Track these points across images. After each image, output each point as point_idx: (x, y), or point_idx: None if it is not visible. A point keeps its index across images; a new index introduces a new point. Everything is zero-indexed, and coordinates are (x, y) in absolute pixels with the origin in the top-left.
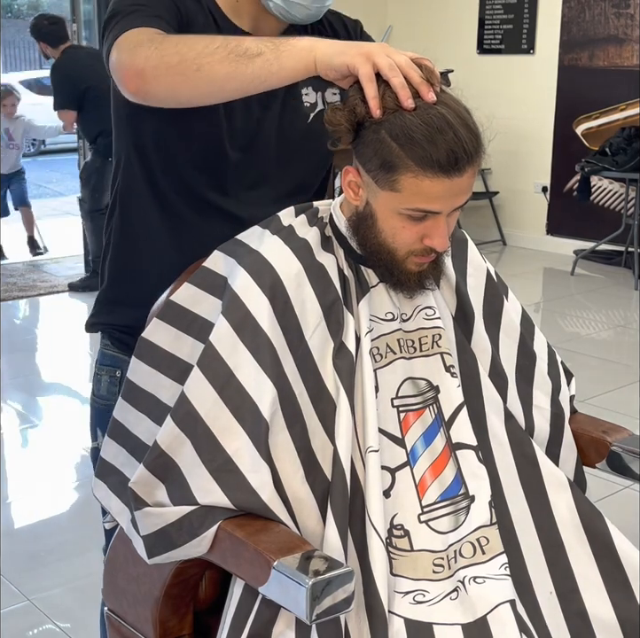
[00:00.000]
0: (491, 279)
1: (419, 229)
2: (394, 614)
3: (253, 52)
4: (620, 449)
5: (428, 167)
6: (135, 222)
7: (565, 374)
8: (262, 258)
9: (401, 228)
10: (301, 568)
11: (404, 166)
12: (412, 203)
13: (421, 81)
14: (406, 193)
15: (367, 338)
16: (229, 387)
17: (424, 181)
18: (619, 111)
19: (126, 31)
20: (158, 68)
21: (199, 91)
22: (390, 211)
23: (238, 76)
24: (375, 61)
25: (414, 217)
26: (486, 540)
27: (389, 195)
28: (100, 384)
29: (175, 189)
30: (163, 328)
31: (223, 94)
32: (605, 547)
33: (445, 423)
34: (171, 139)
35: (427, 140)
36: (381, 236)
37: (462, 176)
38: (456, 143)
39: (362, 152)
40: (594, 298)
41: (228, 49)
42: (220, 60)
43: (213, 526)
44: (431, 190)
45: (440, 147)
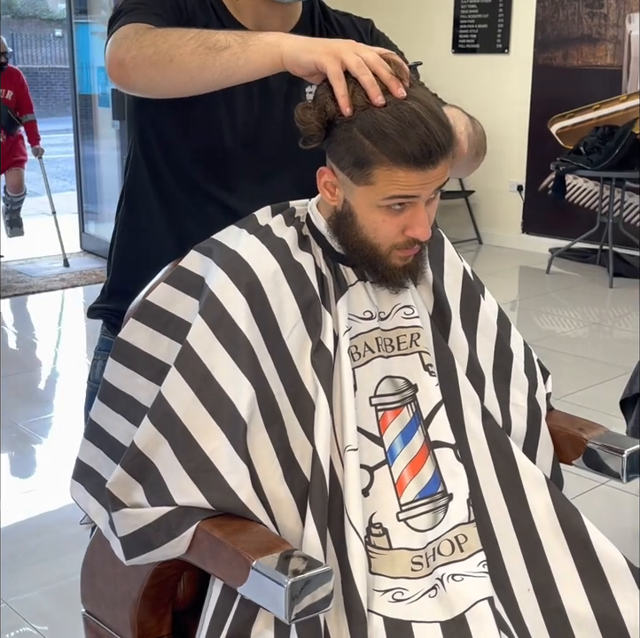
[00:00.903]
0: (468, 278)
1: (400, 221)
2: (372, 612)
3: (222, 45)
4: (597, 446)
5: (402, 162)
6: (138, 213)
7: (541, 372)
8: (239, 257)
9: (382, 221)
10: (280, 568)
11: (378, 161)
12: (388, 192)
13: (390, 77)
14: (381, 184)
15: (345, 337)
16: (206, 387)
17: (398, 172)
18: (593, 110)
19: (121, 27)
20: (136, 58)
21: (173, 82)
22: (368, 205)
23: (206, 68)
24: (343, 59)
25: (393, 208)
26: (464, 538)
27: (365, 189)
28: (95, 368)
29: (178, 181)
30: (140, 328)
31: (195, 85)
32: (582, 543)
33: (423, 421)
34: (171, 131)
35: (400, 135)
36: (362, 232)
37: (435, 168)
38: (428, 137)
39: (334, 151)
40: (569, 296)
41: (199, 41)
42: (191, 52)
43: (191, 527)
44: (405, 180)
45: (412, 141)
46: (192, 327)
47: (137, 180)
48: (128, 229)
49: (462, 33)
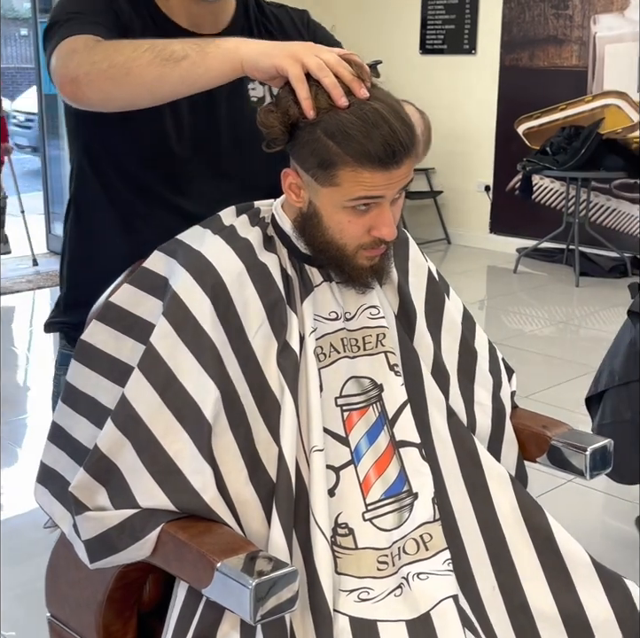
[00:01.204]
0: (432, 278)
1: (365, 222)
2: (338, 612)
3: (179, 55)
4: (560, 443)
5: (366, 162)
6: (90, 225)
7: (505, 370)
8: (204, 258)
9: (348, 222)
10: (246, 569)
11: (342, 162)
12: (353, 193)
13: (352, 79)
14: (346, 185)
15: (311, 338)
16: (170, 389)
17: (363, 173)
18: (559, 110)
19: (64, 39)
20: (90, 74)
21: (131, 95)
22: (334, 206)
23: (165, 79)
24: (304, 61)
25: (358, 209)
26: (429, 537)
27: (330, 190)
28: (60, 383)
29: (131, 189)
30: (103, 330)
31: (154, 97)
32: (546, 540)
33: (389, 421)
34: (118, 143)
35: (363, 135)
36: (328, 233)
37: (400, 168)
38: (392, 137)
39: (298, 153)
40: (536, 295)
41: (155, 52)
42: (147, 64)
43: (155, 529)
44: (370, 181)
45: (376, 141)
46: (156, 328)
47: (87, 191)
48: (79, 241)
49: (429, 34)
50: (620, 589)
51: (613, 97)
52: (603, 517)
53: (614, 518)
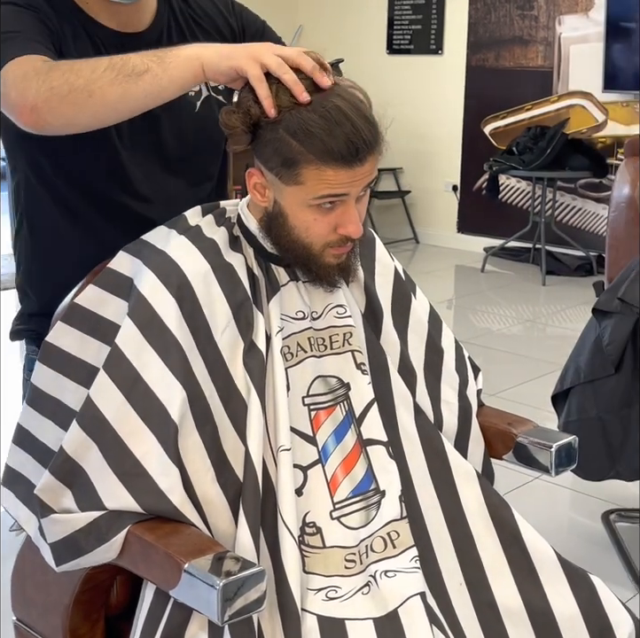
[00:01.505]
0: (399, 277)
1: (331, 220)
2: (306, 611)
3: (141, 69)
4: (526, 441)
5: (330, 160)
6: (44, 237)
7: (472, 368)
8: (169, 258)
9: (313, 220)
10: (213, 569)
11: (306, 160)
12: (318, 191)
13: (313, 67)
14: (310, 183)
15: (278, 337)
16: (136, 390)
17: (326, 171)
18: (525, 111)
19: (7, 63)
20: (50, 101)
21: (95, 116)
22: (299, 205)
23: (130, 96)
24: (263, 61)
25: (324, 207)
26: (396, 535)
27: (295, 189)
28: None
29: (83, 198)
30: (68, 331)
31: (120, 114)
32: (513, 536)
33: (356, 419)
34: (64, 151)
35: (326, 133)
36: (294, 232)
37: (363, 165)
38: (355, 134)
39: (261, 152)
40: (504, 294)
41: (115, 70)
42: (109, 83)
43: (122, 531)
44: (334, 178)
45: (339, 139)
46: (121, 329)
47: (36, 205)
48: (34, 254)
49: (396, 34)
50: (585, 585)
51: (578, 97)
52: (569, 513)
53: (581, 515)
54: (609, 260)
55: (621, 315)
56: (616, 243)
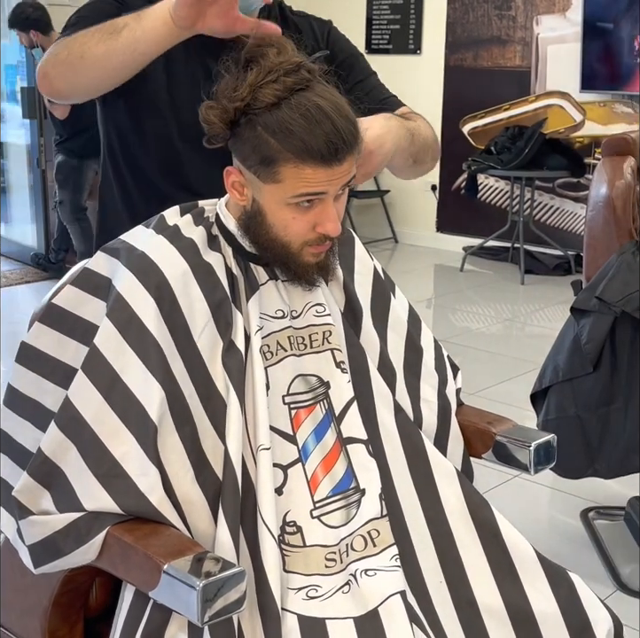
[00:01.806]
0: (378, 277)
1: (310, 218)
2: (287, 611)
3: (120, 26)
4: (505, 439)
5: (309, 158)
6: (109, 222)
7: (451, 367)
8: (147, 258)
9: (292, 219)
10: (193, 570)
11: (284, 158)
12: (296, 189)
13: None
14: (288, 182)
15: (257, 336)
16: (114, 390)
17: (305, 169)
18: (503, 110)
19: (57, 41)
20: (55, 66)
21: (88, 78)
22: (277, 204)
23: (112, 52)
24: None
25: (302, 205)
26: (377, 533)
27: (273, 187)
28: None
29: (142, 189)
30: (45, 332)
31: (108, 73)
32: (492, 535)
33: (336, 418)
34: (130, 136)
35: (306, 132)
36: (273, 231)
37: (342, 164)
38: (335, 134)
39: (240, 150)
40: (483, 293)
41: (102, 30)
42: (96, 42)
43: (101, 532)
44: (313, 177)
45: (318, 138)
46: (100, 329)
47: (108, 186)
48: (99, 231)
49: (375, 33)
50: (564, 583)
51: (556, 97)
52: (549, 511)
53: (560, 513)
54: (587, 260)
55: (599, 313)
56: (594, 242)
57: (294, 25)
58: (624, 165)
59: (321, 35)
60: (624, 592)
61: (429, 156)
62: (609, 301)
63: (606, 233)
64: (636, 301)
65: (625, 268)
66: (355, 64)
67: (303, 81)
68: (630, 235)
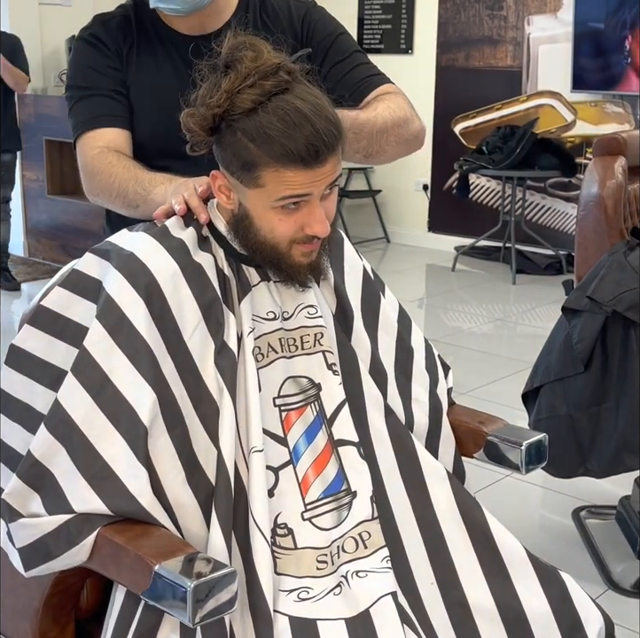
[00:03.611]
0: (368, 277)
1: (297, 219)
2: (278, 613)
3: (136, 202)
4: (496, 439)
5: (288, 162)
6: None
7: (442, 367)
8: (137, 259)
9: (278, 221)
10: (184, 571)
11: (264, 163)
12: (279, 193)
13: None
14: (270, 186)
15: (249, 338)
16: (104, 392)
17: (285, 173)
18: (494, 110)
19: (82, 133)
20: (90, 194)
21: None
22: (262, 207)
23: (130, 213)
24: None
25: (288, 208)
26: (368, 535)
27: (256, 192)
28: None
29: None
30: (35, 334)
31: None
32: (483, 535)
33: (327, 420)
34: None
35: (284, 136)
36: (260, 233)
37: (324, 166)
38: (315, 137)
39: (222, 156)
40: (474, 293)
41: (122, 197)
42: (120, 206)
43: (92, 534)
44: (294, 180)
45: (298, 142)
46: (89, 331)
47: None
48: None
49: (366, 33)
50: (556, 582)
51: (547, 97)
52: (540, 510)
53: (551, 512)
54: (578, 259)
55: (590, 313)
56: (585, 241)
57: (272, 7)
58: (615, 165)
59: (297, 16)
60: (615, 591)
61: (390, 142)
62: (600, 301)
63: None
64: (627, 301)
65: (616, 267)
66: (336, 43)
67: (282, 84)
68: (621, 234)
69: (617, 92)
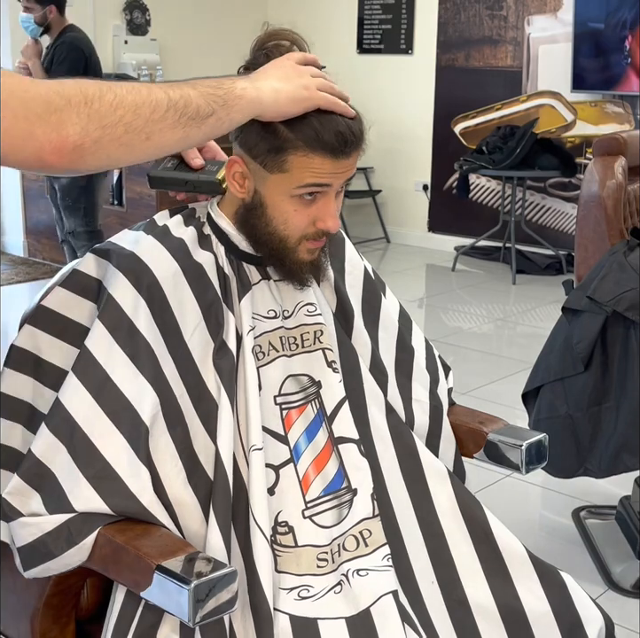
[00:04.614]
0: (369, 277)
1: (311, 212)
2: (279, 611)
3: (205, 113)
4: (497, 439)
5: (319, 148)
6: None
7: (442, 367)
8: (138, 259)
9: (293, 211)
10: (184, 571)
11: (293, 146)
12: (302, 179)
13: (340, 94)
14: (295, 172)
15: (249, 337)
16: (105, 392)
17: (314, 159)
18: (494, 110)
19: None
20: (101, 141)
21: (141, 158)
22: (281, 195)
23: (189, 139)
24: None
25: (305, 198)
26: (368, 533)
27: (279, 177)
28: None
29: None
30: (36, 334)
31: (164, 154)
32: (484, 534)
33: (327, 417)
34: None
35: (318, 122)
36: (272, 223)
37: (348, 159)
38: (345, 128)
39: (246, 139)
40: (474, 292)
41: (178, 111)
42: (172, 126)
43: (92, 533)
44: (320, 167)
45: (329, 129)
46: (91, 331)
47: None
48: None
49: (366, 33)
50: (556, 582)
51: (548, 97)
52: (540, 510)
53: (552, 512)
54: (578, 259)
55: (591, 313)
56: (585, 241)
57: None
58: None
59: None
60: (615, 591)
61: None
62: (600, 301)
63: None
64: (627, 301)
65: (616, 267)
66: None
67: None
68: (621, 234)
69: (617, 92)
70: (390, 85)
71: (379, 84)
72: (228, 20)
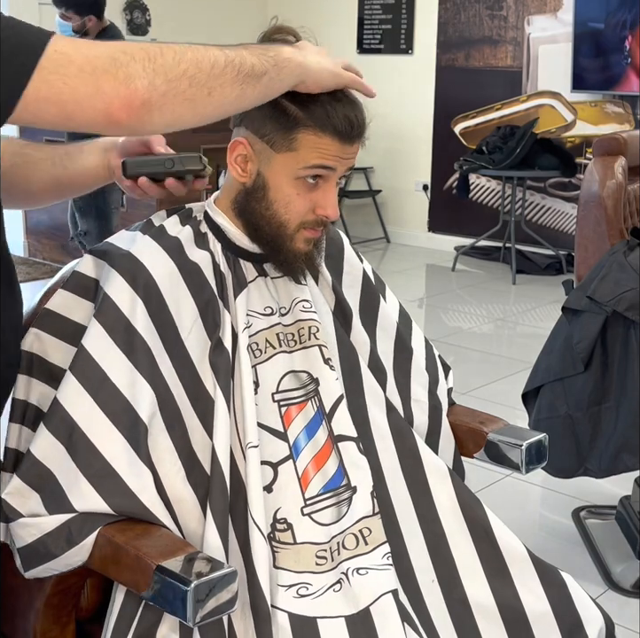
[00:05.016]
0: (367, 277)
1: (312, 197)
2: (277, 608)
3: (260, 71)
4: (497, 439)
5: (328, 129)
6: None
7: (442, 367)
8: (134, 258)
9: (296, 195)
10: (184, 571)
11: (304, 125)
12: (309, 160)
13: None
14: (303, 151)
15: (244, 334)
16: (103, 391)
17: (323, 139)
18: (494, 110)
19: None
20: (167, 95)
21: (204, 117)
22: (285, 176)
23: (245, 97)
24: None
25: (308, 182)
26: (368, 531)
27: (286, 157)
28: None
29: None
30: (43, 337)
31: (223, 115)
32: (484, 533)
33: (326, 415)
34: None
35: (329, 104)
36: (273, 207)
37: (352, 146)
38: (352, 113)
39: (254, 118)
40: (474, 292)
41: (236, 68)
42: (231, 81)
43: (92, 533)
44: (328, 149)
45: (338, 112)
46: (87, 330)
47: None
48: None
49: (366, 33)
50: (556, 582)
51: (548, 97)
52: (540, 510)
53: (552, 512)
54: (578, 259)
55: (591, 313)
56: (585, 241)
57: None
58: (615, 165)
59: None
60: (615, 591)
61: None
62: (600, 301)
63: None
64: (627, 301)
65: (616, 267)
66: None
67: None
68: (621, 234)
69: (617, 92)
70: (390, 85)
71: (379, 84)
72: (228, 21)
